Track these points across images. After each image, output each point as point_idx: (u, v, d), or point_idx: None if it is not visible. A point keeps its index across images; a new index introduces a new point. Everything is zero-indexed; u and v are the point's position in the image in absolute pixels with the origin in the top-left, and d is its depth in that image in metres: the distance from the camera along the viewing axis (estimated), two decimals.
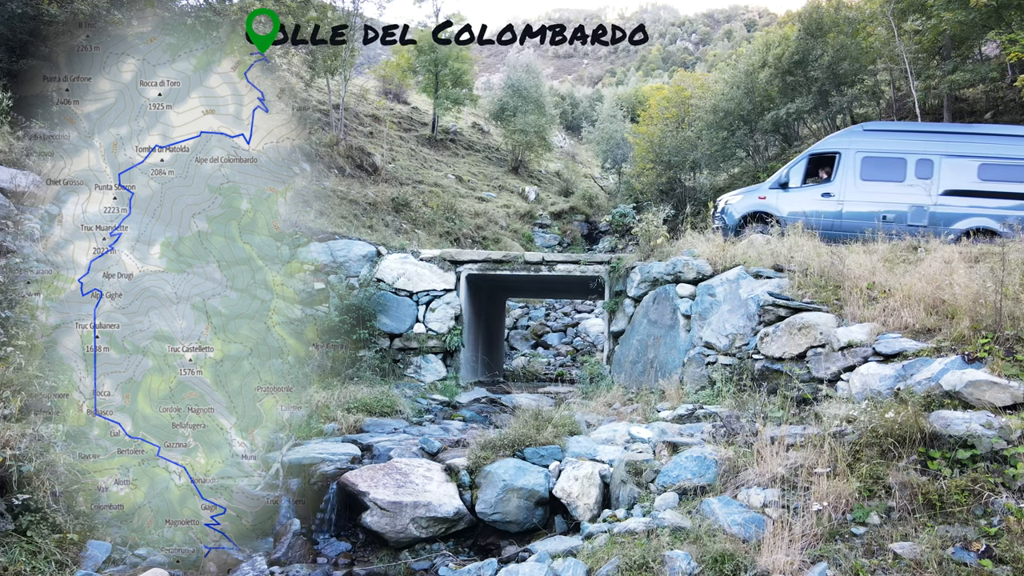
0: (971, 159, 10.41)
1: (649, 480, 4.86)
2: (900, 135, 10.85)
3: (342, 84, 20.35)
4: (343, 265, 10.01)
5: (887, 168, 10.46)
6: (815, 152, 10.75)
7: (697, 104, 18.75)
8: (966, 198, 10.20)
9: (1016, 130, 11.03)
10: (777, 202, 10.56)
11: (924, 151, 10.50)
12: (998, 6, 11.96)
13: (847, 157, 10.52)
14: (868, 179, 10.41)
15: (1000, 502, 3.51)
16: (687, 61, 60.79)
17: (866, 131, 10.88)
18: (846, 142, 10.71)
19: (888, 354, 5.64)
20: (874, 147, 10.60)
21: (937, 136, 10.75)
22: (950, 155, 10.47)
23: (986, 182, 10.31)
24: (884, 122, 11.35)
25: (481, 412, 8.78)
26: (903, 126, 11.20)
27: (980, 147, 10.54)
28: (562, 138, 36.06)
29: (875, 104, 17.84)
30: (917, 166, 10.43)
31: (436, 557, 4.86)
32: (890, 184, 10.35)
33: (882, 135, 10.81)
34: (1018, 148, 10.50)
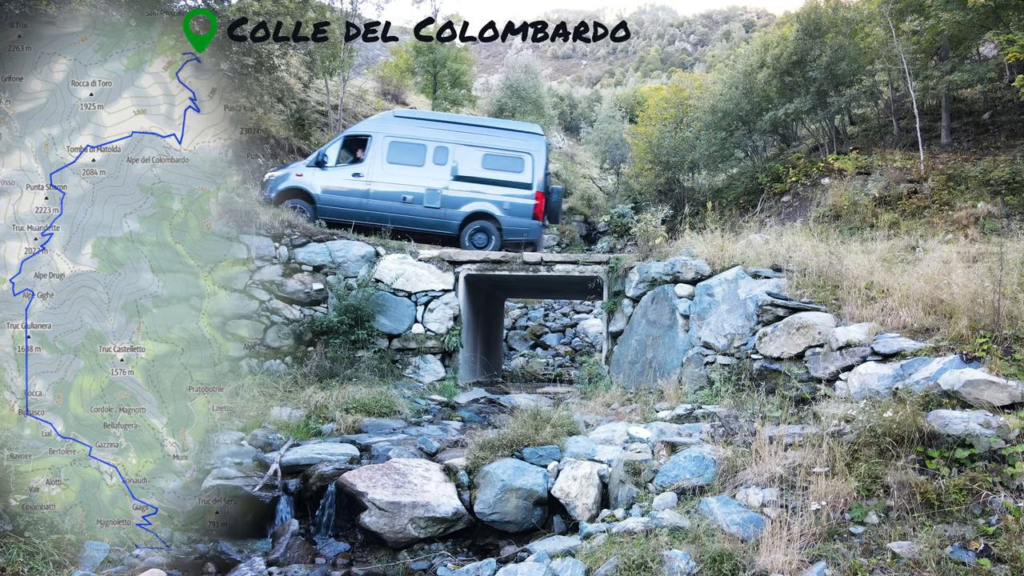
0: (477, 149, 11.43)
1: (648, 480, 4.86)
2: (423, 123, 11.75)
3: (340, 85, 20.34)
4: (342, 265, 10.01)
5: (410, 153, 11.29)
6: (350, 134, 11.48)
7: (695, 105, 18.75)
8: (472, 184, 11.22)
9: (511, 124, 12.36)
10: (313, 180, 11.01)
11: (441, 139, 11.42)
12: (996, 6, 11.98)
13: (377, 140, 11.25)
14: (393, 162, 11.17)
15: (998, 501, 3.51)
16: (685, 62, 60.83)
17: (396, 117, 11.82)
18: (377, 126, 11.49)
19: (886, 353, 5.64)
20: (401, 132, 11.41)
21: (453, 126, 11.75)
22: (462, 144, 11.42)
23: (488, 170, 11.37)
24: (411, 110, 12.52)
25: (480, 412, 8.78)
26: (426, 115, 12.15)
27: (484, 138, 11.58)
28: (560, 138, 36.03)
29: (873, 104, 17.86)
30: (435, 152, 11.34)
31: (435, 557, 4.86)
32: (412, 168, 11.20)
33: (408, 122, 11.69)
34: (513, 141, 11.62)
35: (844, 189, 13.02)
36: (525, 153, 11.47)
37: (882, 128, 16.88)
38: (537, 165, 11.43)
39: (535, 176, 11.38)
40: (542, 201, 11.38)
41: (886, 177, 12.88)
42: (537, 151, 11.56)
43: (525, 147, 11.53)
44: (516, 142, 11.57)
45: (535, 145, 11.63)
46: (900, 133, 15.62)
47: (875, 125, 17.40)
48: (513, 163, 11.38)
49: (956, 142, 14.25)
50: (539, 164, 11.46)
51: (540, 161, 11.49)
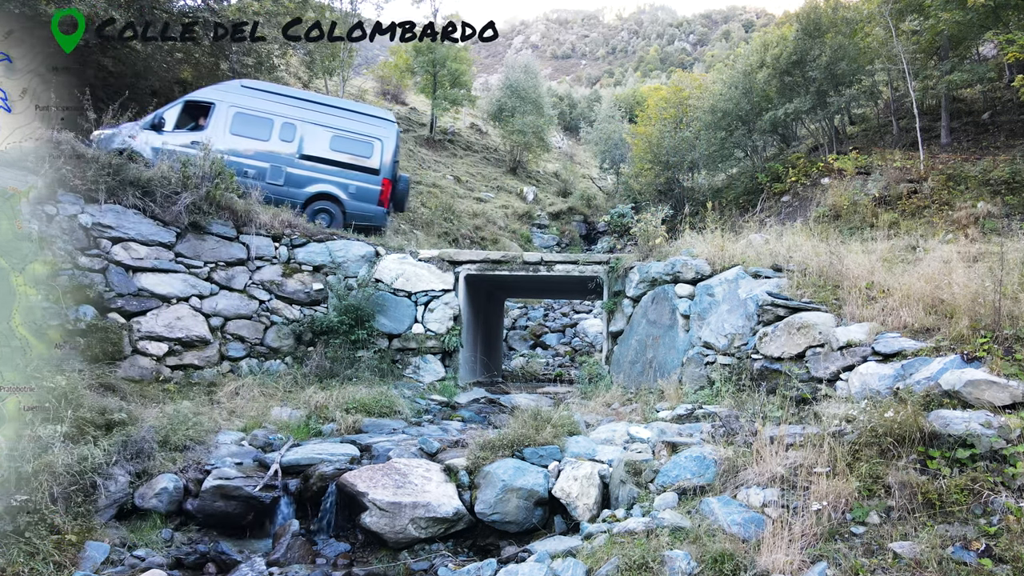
0: (326, 129, 11.20)
1: (648, 480, 4.86)
2: (272, 96, 11.39)
3: (340, 85, 20.34)
4: (342, 265, 10.00)
5: (256, 126, 10.97)
6: (192, 99, 11.00)
7: (695, 104, 18.75)
8: (319, 164, 10.97)
9: (363, 108, 12.04)
10: (146, 143, 10.38)
11: (290, 116, 11.15)
12: (996, 6, 11.98)
13: (221, 109, 10.86)
14: (237, 134, 10.80)
15: (999, 501, 3.51)
16: (685, 62, 60.85)
17: (243, 87, 11.37)
18: (222, 94, 11.08)
19: (887, 353, 5.64)
20: (247, 104, 11.06)
21: (303, 103, 11.46)
22: (311, 123, 11.17)
23: (336, 152, 11.17)
24: (259, 82, 11.80)
25: (480, 412, 8.77)
26: (275, 88, 11.74)
27: (335, 120, 11.34)
28: (560, 139, 36.05)
29: (873, 104, 17.87)
30: (282, 128, 11.07)
31: (435, 557, 4.85)
32: (257, 142, 10.89)
33: (256, 93, 11.30)
34: (363, 125, 11.43)
35: (844, 189, 13.03)
36: (375, 138, 11.37)
37: (882, 128, 16.88)
38: (386, 151, 11.33)
39: (383, 162, 11.30)
40: (389, 188, 11.34)
41: (886, 177, 12.89)
42: (387, 137, 11.44)
43: (375, 132, 11.42)
44: (367, 127, 11.44)
45: (386, 131, 11.49)
46: (900, 133, 15.62)
47: (875, 125, 17.40)
48: (362, 147, 11.26)
49: (956, 142, 14.25)
50: (388, 150, 11.35)
51: (390, 147, 11.38)
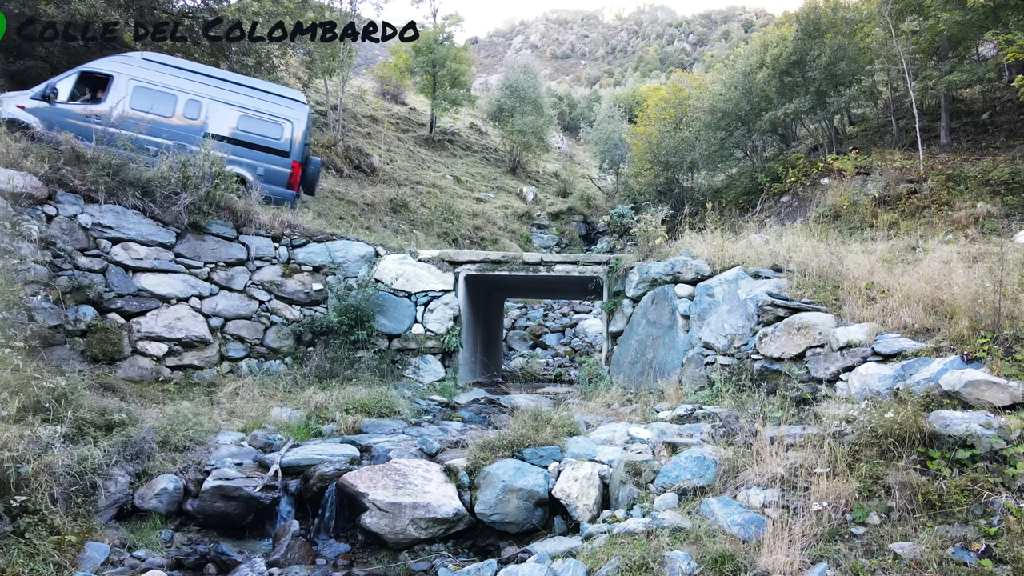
0: (234, 108, 10.91)
1: (648, 480, 4.86)
2: (176, 71, 10.98)
3: (340, 85, 20.34)
4: (341, 265, 10.00)
5: (158, 101, 10.55)
6: (88, 70, 10.34)
7: (695, 105, 18.76)
8: (227, 144, 10.45)
9: (273, 88, 11.73)
10: (36, 114, 9.79)
11: (195, 92, 10.78)
12: (995, 6, 11.99)
13: (120, 82, 10.40)
14: (138, 109, 10.30)
15: (1000, 502, 3.51)
16: (684, 62, 60.84)
17: (144, 59, 10.90)
18: (122, 67, 10.60)
19: (887, 354, 5.63)
20: (149, 78, 10.63)
21: (209, 80, 11.09)
22: (218, 101, 10.85)
23: (244, 132, 10.87)
24: (162, 55, 11.34)
25: (480, 413, 8.77)
26: (179, 63, 11.30)
27: (243, 99, 11.06)
28: (560, 139, 36.06)
29: (872, 104, 17.87)
30: (186, 105, 10.70)
31: (435, 558, 4.85)
32: (159, 118, 10.43)
33: (159, 67, 10.88)
34: (274, 106, 11.17)
35: (844, 189, 13.03)
36: (285, 120, 11.11)
37: (881, 128, 16.89)
38: (296, 133, 11.10)
39: (293, 144, 11.06)
40: (299, 170, 11.14)
41: (885, 177, 12.89)
42: (298, 119, 11.19)
43: (286, 113, 11.17)
44: (277, 107, 11.18)
45: (297, 113, 11.25)
46: (899, 133, 15.63)
47: (874, 125, 17.41)
48: (272, 128, 11.00)
49: (955, 142, 14.26)
50: (299, 132, 11.12)
51: (300, 129, 11.15)
